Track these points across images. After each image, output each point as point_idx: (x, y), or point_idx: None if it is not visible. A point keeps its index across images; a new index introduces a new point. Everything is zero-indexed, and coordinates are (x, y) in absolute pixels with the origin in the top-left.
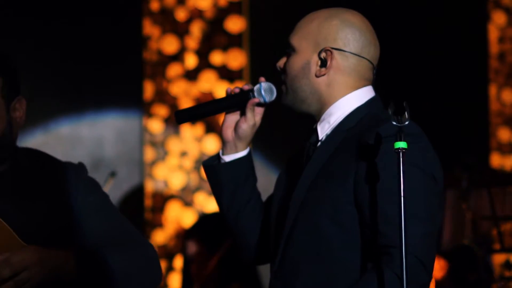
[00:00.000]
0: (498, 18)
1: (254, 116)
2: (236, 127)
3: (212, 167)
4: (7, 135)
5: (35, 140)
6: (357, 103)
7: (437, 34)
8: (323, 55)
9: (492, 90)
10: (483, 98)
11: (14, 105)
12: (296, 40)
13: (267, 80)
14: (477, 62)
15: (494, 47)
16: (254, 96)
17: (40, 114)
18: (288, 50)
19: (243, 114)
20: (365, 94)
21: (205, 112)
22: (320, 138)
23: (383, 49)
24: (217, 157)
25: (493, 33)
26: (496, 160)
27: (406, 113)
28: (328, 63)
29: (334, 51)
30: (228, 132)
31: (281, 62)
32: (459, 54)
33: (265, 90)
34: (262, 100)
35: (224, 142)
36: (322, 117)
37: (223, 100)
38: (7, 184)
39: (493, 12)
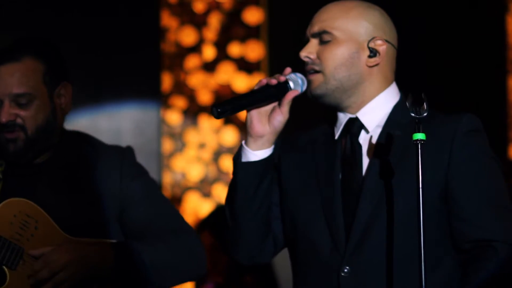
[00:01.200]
0: None
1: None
2: (272, 120)
3: (257, 163)
4: (51, 123)
5: None
6: (397, 97)
7: (455, 25)
8: (372, 44)
9: (511, 81)
10: (502, 90)
11: (58, 91)
12: (336, 28)
13: (283, 70)
14: (496, 53)
15: None
16: (291, 88)
17: None
18: (324, 38)
19: (276, 106)
20: (396, 87)
21: (246, 104)
22: (370, 131)
23: (401, 41)
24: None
25: None
26: None
27: (424, 104)
28: (381, 53)
29: (384, 41)
30: (260, 126)
31: (310, 50)
32: (478, 46)
33: (301, 80)
34: (299, 91)
35: (255, 137)
36: (364, 110)
37: (261, 91)
38: (50, 174)
39: (511, 3)
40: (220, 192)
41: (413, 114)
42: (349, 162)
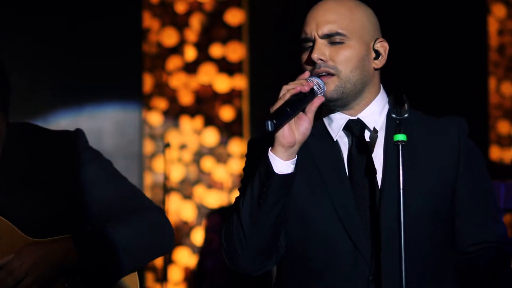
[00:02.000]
0: (498, 11)
1: None
2: (299, 127)
3: (292, 175)
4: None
5: None
6: (386, 97)
7: (437, 27)
8: (377, 46)
9: (492, 82)
10: (483, 91)
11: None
12: (348, 29)
13: (266, 71)
14: (477, 54)
15: (493, 40)
16: (317, 94)
17: (39, 107)
18: (336, 40)
19: (301, 113)
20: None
21: (292, 114)
22: (376, 131)
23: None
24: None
25: (493, 26)
26: (496, 153)
27: (406, 105)
28: (383, 54)
29: (385, 42)
30: (292, 135)
31: (323, 52)
32: (459, 47)
33: (323, 84)
34: (323, 97)
35: (286, 147)
36: (365, 112)
37: (298, 99)
38: (2, 175)
39: (492, 5)
40: (202, 193)
41: (394, 115)
42: (356, 164)
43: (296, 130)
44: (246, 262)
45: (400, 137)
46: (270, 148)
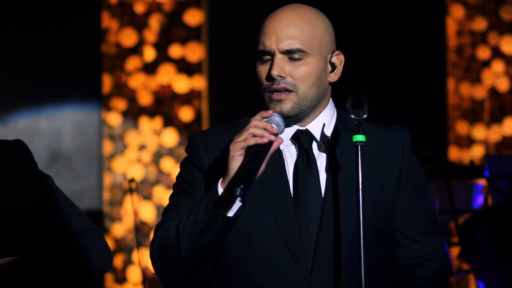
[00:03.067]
0: (456, 12)
1: None
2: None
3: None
4: None
5: None
6: (334, 108)
7: (396, 27)
8: (333, 59)
9: (450, 83)
10: (441, 92)
11: None
12: (307, 45)
13: (225, 72)
14: (435, 55)
15: (452, 41)
16: (279, 134)
17: None
18: (295, 56)
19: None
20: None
21: (257, 170)
22: (322, 145)
23: (341, 43)
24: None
25: (451, 27)
26: (454, 154)
27: (364, 106)
28: (338, 67)
29: (341, 54)
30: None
31: (282, 68)
32: (418, 48)
33: (283, 122)
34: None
35: (250, 187)
36: (314, 123)
37: (264, 148)
38: None
39: (451, 6)
40: (161, 194)
41: (353, 116)
42: (302, 178)
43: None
44: (176, 278)
45: (359, 137)
46: (220, 182)
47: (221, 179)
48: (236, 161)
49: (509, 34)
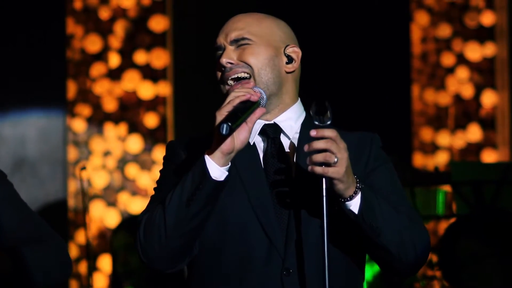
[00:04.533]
0: (421, 19)
1: None
2: (239, 136)
3: (225, 182)
4: None
5: None
6: (303, 111)
7: (360, 33)
8: (288, 51)
9: (415, 90)
10: (406, 98)
11: None
12: (254, 34)
13: (190, 78)
14: (400, 62)
15: (417, 47)
16: (260, 104)
17: None
18: (243, 43)
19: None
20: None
21: (243, 120)
22: (290, 137)
23: (305, 48)
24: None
25: (416, 33)
26: (419, 160)
27: (328, 113)
28: (296, 60)
29: (298, 48)
30: (232, 143)
31: (231, 56)
32: (382, 54)
33: (265, 95)
34: (265, 108)
35: (225, 154)
36: (281, 117)
37: (247, 108)
38: None
39: (416, 12)
40: (126, 200)
41: (316, 123)
42: (272, 164)
43: (236, 138)
44: (161, 259)
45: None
46: (207, 152)
47: (207, 151)
48: None
49: (473, 40)
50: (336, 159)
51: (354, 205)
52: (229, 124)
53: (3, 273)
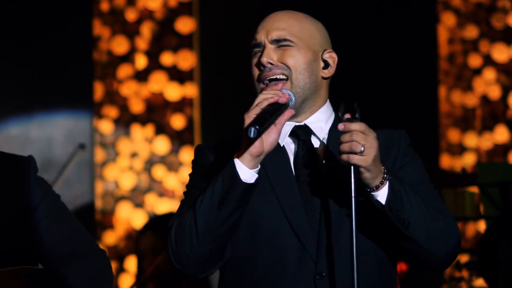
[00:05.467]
0: (448, 20)
1: None
2: (268, 138)
3: (255, 185)
4: None
5: None
6: (331, 109)
7: (387, 35)
8: (325, 55)
9: (442, 91)
10: (433, 100)
11: None
12: (296, 35)
13: (216, 80)
14: (427, 63)
15: (443, 49)
16: (289, 106)
17: None
18: (284, 44)
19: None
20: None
21: (271, 122)
22: (322, 138)
23: (334, 50)
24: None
25: (443, 35)
26: (446, 161)
27: (356, 114)
28: (332, 66)
29: (334, 54)
30: (261, 145)
31: (272, 56)
32: (409, 56)
33: (294, 96)
34: (293, 110)
35: (254, 156)
36: (312, 119)
37: (274, 109)
38: None
39: (442, 14)
40: (153, 202)
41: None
42: (303, 167)
43: (265, 140)
44: (193, 264)
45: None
46: (236, 155)
47: (236, 154)
48: None
49: (500, 42)
50: (362, 148)
51: (382, 195)
52: (257, 127)
53: None
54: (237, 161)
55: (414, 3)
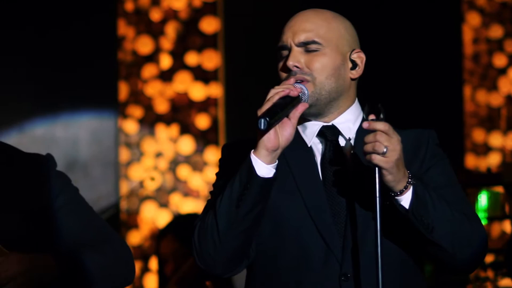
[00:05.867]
0: (473, 19)
1: None
2: (283, 132)
3: (273, 179)
4: None
5: (10, 140)
6: (360, 108)
7: (412, 35)
8: (353, 56)
9: (467, 91)
10: (458, 99)
11: None
12: (324, 38)
13: (241, 79)
14: (452, 63)
15: (468, 48)
16: (302, 100)
17: (15, 115)
18: (312, 48)
19: (285, 118)
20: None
21: (282, 116)
22: (349, 139)
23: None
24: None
25: (468, 34)
26: (471, 161)
27: (381, 114)
28: (360, 66)
29: (363, 53)
30: (276, 139)
31: (299, 59)
32: (434, 55)
33: (307, 90)
34: (307, 103)
35: (270, 151)
36: (339, 119)
37: (286, 102)
38: None
39: (467, 13)
40: (177, 201)
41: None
42: (330, 168)
43: (280, 134)
44: (218, 264)
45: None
46: (253, 151)
47: (253, 150)
48: None
49: None
50: (385, 149)
51: (405, 200)
52: (267, 119)
53: (60, 275)
54: (253, 157)
55: (439, 3)
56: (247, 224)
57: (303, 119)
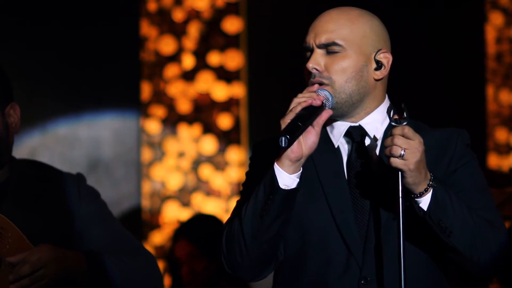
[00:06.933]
0: (496, 19)
1: None
2: (307, 141)
3: (296, 190)
4: (3, 139)
5: (33, 140)
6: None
7: (435, 34)
8: (378, 57)
9: (490, 90)
10: (481, 99)
11: (8, 111)
12: (346, 39)
13: (264, 79)
14: (475, 62)
15: (491, 48)
16: (326, 107)
17: (37, 115)
18: (333, 50)
19: (310, 126)
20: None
21: (304, 128)
22: (376, 139)
23: None
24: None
25: (491, 34)
26: (494, 161)
27: (404, 113)
28: (386, 66)
29: (389, 53)
30: (300, 149)
31: (318, 62)
32: (457, 55)
33: (331, 97)
34: (331, 110)
35: (294, 161)
36: (367, 119)
37: (309, 113)
38: (13, 193)
39: (490, 13)
40: (200, 201)
41: (393, 124)
42: (355, 169)
43: (304, 143)
44: (245, 270)
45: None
46: (276, 160)
47: (276, 160)
48: None
49: None
50: (402, 152)
51: (424, 202)
52: (288, 136)
53: (88, 273)
54: (276, 167)
55: (461, 2)
56: (272, 233)
57: (331, 120)
